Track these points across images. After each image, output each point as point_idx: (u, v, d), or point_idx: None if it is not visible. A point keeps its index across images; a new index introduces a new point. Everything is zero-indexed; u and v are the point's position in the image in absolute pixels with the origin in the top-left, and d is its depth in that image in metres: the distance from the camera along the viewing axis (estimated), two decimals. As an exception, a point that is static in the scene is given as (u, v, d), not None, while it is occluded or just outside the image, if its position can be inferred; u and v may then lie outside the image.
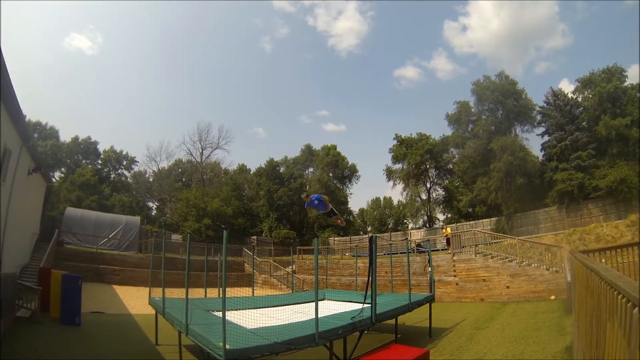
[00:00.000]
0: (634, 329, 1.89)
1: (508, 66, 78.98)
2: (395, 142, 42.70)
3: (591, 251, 9.03)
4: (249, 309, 8.58)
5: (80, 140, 45.84)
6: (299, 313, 8.87)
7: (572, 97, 32.87)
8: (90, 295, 15.69)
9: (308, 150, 50.05)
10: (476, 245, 19.53)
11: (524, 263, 16.56)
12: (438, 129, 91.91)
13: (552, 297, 14.51)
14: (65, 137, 45.32)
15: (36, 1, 57.92)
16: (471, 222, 34.00)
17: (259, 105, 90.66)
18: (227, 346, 4.87)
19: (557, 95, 33.52)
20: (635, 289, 2.04)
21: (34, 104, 59.60)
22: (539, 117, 34.50)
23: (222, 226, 5.56)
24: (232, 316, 7.38)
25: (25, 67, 56.36)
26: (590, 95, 30.59)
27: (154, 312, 9.82)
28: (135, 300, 17.68)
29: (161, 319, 8.88)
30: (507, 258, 17.42)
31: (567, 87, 45.00)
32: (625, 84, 29.55)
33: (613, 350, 2.43)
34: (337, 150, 47.32)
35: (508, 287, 16.41)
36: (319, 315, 6.43)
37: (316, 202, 9.09)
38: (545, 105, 34.08)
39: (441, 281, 18.43)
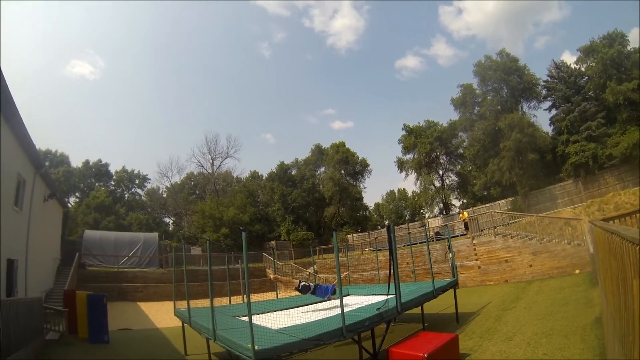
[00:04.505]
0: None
1: (508, 44, 78.42)
2: (404, 132, 42.72)
3: (610, 218, 8.87)
4: (274, 311, 8.64)
5: (91, 163, 46.71)
6: (324, 310, 8.90)
7: (575, 67, 32.34)
8: (116, 313, 15.88)
9: (318, 150, 49.96)
10: (495, 227, 19.31)
11: (545, 240, 16.34)
12: (445, 115, 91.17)
13: (577, 271, 14.30)
14: (76, 162, 46.35)
15: (34, 30, 59.02)
16: (487, 205, 33.58)
17: (265, 111, 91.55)
18: (256, 347, 4.90)
19: (560, 68, 33.04)
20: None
21: (42, 133, 60.78)
22: (544, 92, 33.98)
23: (240, 228, 5.59)
24: (258, 319, 7.43)
25: (30, 97, 57.54)
26: (594, 64, 30.06)
27: (180, 324, 9.93)
28: (161, 315, 17.88)
29: (188, 330, 8.98)
30: (527, 236, 17.21)
31: (569, 59, 44.23)
32: (628, 48, 29.01)
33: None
34: (347, 146, 47.22)
35: (531, 265, 16.22)
36: (345, 310, 6.44)
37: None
38: (549, 78, 33.58)
39: (463, 266, 18.31)
